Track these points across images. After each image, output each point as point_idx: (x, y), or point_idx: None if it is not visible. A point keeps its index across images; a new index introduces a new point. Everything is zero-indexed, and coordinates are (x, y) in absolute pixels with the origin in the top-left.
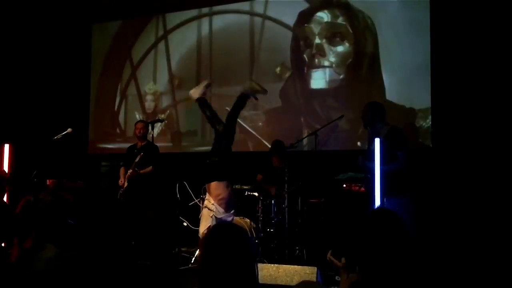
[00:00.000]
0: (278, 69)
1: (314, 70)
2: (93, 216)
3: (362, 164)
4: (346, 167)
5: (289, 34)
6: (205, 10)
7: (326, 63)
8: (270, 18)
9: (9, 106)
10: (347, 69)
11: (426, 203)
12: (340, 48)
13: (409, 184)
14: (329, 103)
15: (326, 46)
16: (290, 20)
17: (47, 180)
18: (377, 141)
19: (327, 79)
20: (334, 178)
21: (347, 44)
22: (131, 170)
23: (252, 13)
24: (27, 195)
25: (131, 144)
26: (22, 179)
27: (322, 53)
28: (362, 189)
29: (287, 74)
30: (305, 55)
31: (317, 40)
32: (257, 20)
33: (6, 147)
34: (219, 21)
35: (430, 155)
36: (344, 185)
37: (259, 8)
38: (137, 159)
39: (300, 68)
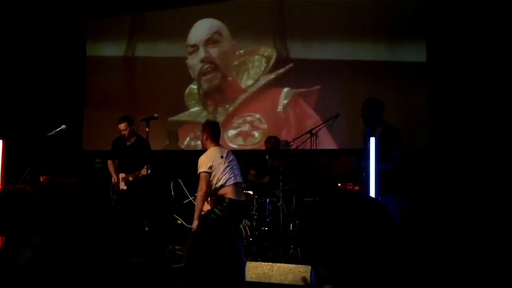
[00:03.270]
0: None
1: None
2: (86, 213)
3: (355, 166)
4: (342, 166)
5: None
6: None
7: None
8: None
9: (3, 102)
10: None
11: (421, 202)
12: None
13: (404, 183)
14: (325, 102)
15: None
16: None
17: (41, 177)
18: (372, 140)
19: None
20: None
21: None
22: (124, 175)
23: None
24: None
25: (121, 135)
26: (16, 176)
27: None
28: (357, 188)
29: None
30: None
31: None
32: None
33: None
34: None
35: (424, 156)
36: (339, 184)
37: None
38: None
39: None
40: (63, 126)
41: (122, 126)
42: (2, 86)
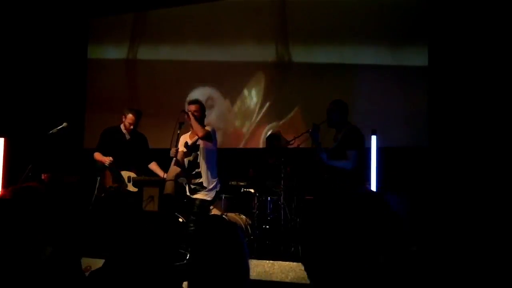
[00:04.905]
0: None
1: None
2: (87, 211)
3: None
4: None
5: None
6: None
7: None
8: None
9: (5, 100)
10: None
11: (422, 201)
12: None
13: (407, 182)
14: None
15: None
16: None
17: (42, 174)
18: (373, 138)
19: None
20: None
21: None
22: (133, 174)
23: None
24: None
25: (112, 126)
26: (17, 174)
27: None
28: None
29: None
30: None
31: None
32: None
33: (1, 141)
34: None
35: (426, 155)
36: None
37: None
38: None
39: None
40: (64, 124)
41: (131, 119)
42: (5, 86)
